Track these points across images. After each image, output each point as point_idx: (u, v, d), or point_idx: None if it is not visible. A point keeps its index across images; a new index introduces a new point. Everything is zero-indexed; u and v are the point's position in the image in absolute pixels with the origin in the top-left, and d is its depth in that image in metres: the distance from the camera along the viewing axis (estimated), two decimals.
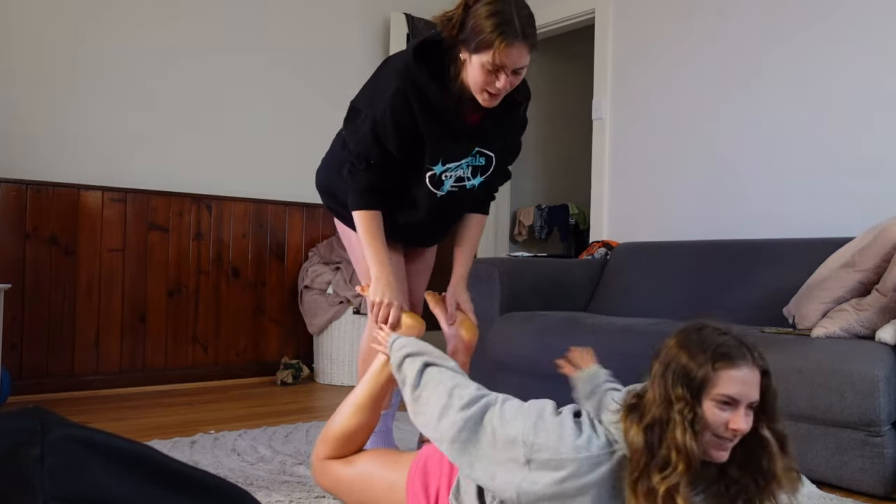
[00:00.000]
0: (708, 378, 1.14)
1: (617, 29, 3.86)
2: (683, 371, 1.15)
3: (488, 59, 1.58)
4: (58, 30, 3.30)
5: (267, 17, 3.92)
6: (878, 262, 2.23)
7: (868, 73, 2.86)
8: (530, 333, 2.83)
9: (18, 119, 3.20)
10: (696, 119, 3.47)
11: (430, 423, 1.37)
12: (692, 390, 1.14)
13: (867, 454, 1.94)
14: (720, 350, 1.15)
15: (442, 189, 1.82)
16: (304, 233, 4.03)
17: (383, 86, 1.73)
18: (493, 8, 1.58)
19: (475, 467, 1.28)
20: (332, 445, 1.63)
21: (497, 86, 1.63)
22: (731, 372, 1.14)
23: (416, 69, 1.68)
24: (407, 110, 1.69)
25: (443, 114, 1.71)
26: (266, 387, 3.60)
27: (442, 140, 1.73)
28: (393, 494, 1.51)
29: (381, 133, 1.71)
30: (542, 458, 1.21)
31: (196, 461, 2.14)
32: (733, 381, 1.14)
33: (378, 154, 1.74)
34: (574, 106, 5.26)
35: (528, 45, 1.60)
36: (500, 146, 1.85)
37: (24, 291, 3.16)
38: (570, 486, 1.18)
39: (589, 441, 1.21)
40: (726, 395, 1.13)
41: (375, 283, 1.78)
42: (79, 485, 0.49)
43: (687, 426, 1.12)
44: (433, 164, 1.77)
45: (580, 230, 5.19)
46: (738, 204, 3.26)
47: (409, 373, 1.47)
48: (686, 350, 1.17)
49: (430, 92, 1.68)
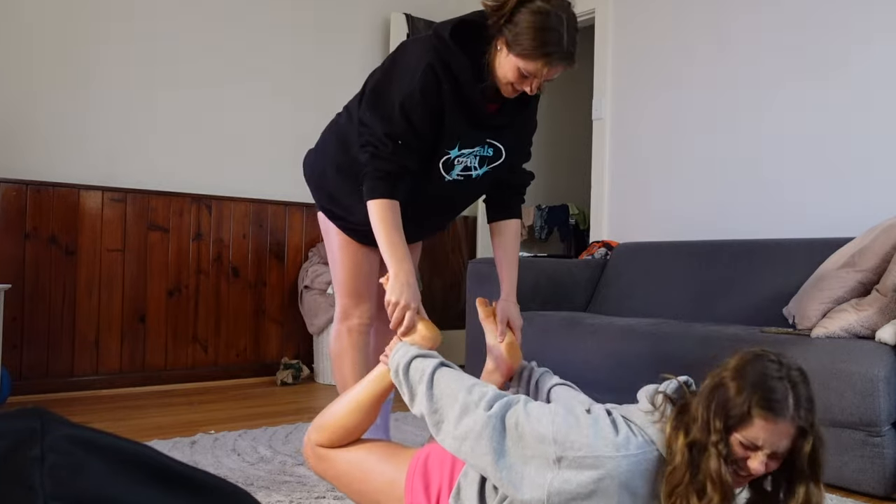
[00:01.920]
0: (743, 419, 1.13)
1: (617, 29, 3.86)
2: (725, 403, 1.14)
3: (526, 66, 1.58)
4: (57, 30, 3.30)
5: (267, 18, 3.92)
6: (878, 262, 2.23)
7: (868, 74, 2.86)
8: (530, 333, 2.83)
9: (19, 119, 3.20)
10: (695, 119, 3.47)
11: (449, 421, 1.32)
12: (726, 425, 1.14)
13: (867, 454, 1.94)
14: (766, 396, 1.12)
15: (451, 174, 1.79)
16: (304, 233, 4.03)
17: (412, 63, 1.68)
18: (546, 22, 1.54)
19: (499, 466, 1.24)
20: (326, 436, 1.59)
21: (525, 88, 1.63)
22: (766, 423, 1.12)
23: (452, 48, 1.64)
24: (436, 88, 1.65)
25: (470, 97, 1.68)
26: (266, 387, 3.60)
27: (461, 122, 1.71)
28: (390, 490, 1.48)
29: (410, 108, 1.65)
30: (575, 456, 1.19)
31: (196, 461, 2.14)
32: (763, 431, 1.13)
33: (408, 133, 1.67)
34: (574, 106, 5.26)
35: (570, 65, 1.60)
36: (510, 139, 1.84)
37: (24, 291, 3.16)
38: (608, 485, 1.17)
39: (627, 440, 1.20)
40: (752, 441, 1.13)
41: (394, 281, 1.64)
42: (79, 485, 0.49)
43: (721, 459, 1.13)
44: (450, 147, 1.73)
45: (580, 230, 5.19)
46: (738, 204, 3.26)
47: (424, 371, 1.41)
48: (737, 381, 1.15)
49: (463, 74, 1.65)
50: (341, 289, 1.96)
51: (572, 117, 5.37)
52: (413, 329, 1.61)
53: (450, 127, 1.70)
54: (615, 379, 2.47)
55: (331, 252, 1.99)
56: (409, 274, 1.65)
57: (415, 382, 1.42)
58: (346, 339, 1.95)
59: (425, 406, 1.37)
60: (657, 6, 3.66)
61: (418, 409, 1.40)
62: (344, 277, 1.95)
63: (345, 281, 1.95)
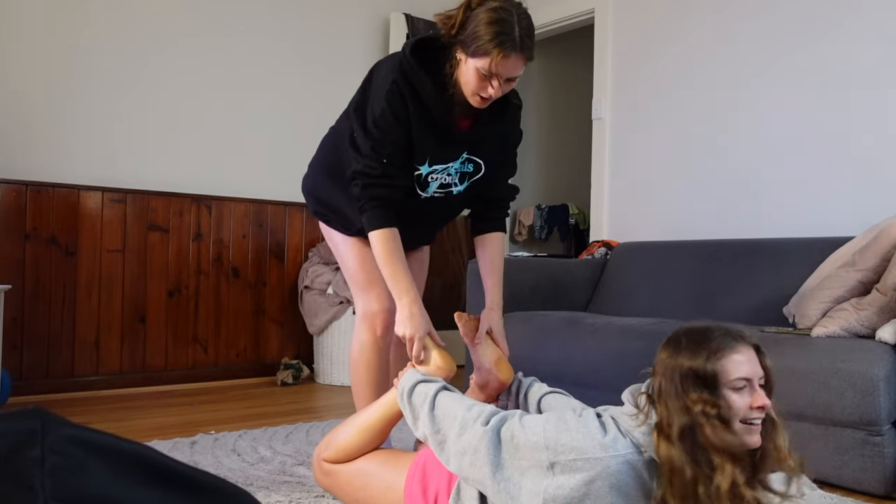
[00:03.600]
0: (717, 370, 1.16)
1: (617, 29, 3.86)
2: (690, 373, 1.17)
3: (484, 65, 1.59)
4: (57, 30, 3.30)
5: (267, 18, 3.92)
6: (878, 262, 2.23)
7: (868, 73, 2.86)
8: (530, 333, 2.83)
9: (18, 119, 3.20)
10: (696, 119, 3.47)
11: (450, 439, 1.35)
12: (708, 387, 1.16)
13: (867, 454, 1.94)
14: (715, 342, 1.19)
15: (426, 192, 1.80)
16: (304, 233, 4.03)
17: (380, 81, 1.72)
18: (495, 15, 1.57)
19: (496, 479, 1.26)
20: (334, 454, 1.64)
21: (489, 91, 1.64)
22: (734, 356, 1.17)
23: (411, 64, 1.68)
24: (402, 104, 1.68)
25: (434, 112, 1.70)
26: (266, 387, 3.60)
27: (429, 139, 1.73)
28: (390, 495, 1.50)
29: (385, 126, 1.69)
30: (566, 460, 1.20)
31: (196, 461, 2.14)
32: (740, 364, 1.17)
33: (391, 149, 1.70)
34: (574, 106, 5.26)
35: (525, 56, 1.61)
36: (489, 154, 1.84)
37: (24, 292, 3.16)
38: (599, 487, 1.17)
39: (615, 440, 1.21)
40: (740, 377, 1.16)
41: (399, 315, 1.70)
42: (79, 486, 0.49)
43: (716, 422, 1.14)
44: (420, 163, 1.75)
45: (580, 230, 5.19)
46: (738, 204, 3.26)
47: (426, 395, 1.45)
48: (683, 355, 1.19)
49: (424, 88, 1.68)
50: (356, 283, 1.96)
51: (572, 117, 5.36)
52: (426, 358, 1.66)
53: (418, 143, 1.72)
54: (615, 379, 2.46)
55: (337, 252, 2.01)
56: (411, 305, 1.69)
57: (418, 405, 1.45)
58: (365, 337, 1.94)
59: (428, 427, 1.41)
60: (657, 6, 3.66)
61: (422, 430, 1.43)
62: (354, 269, 1.95)
63: (356, 273, 1.95)
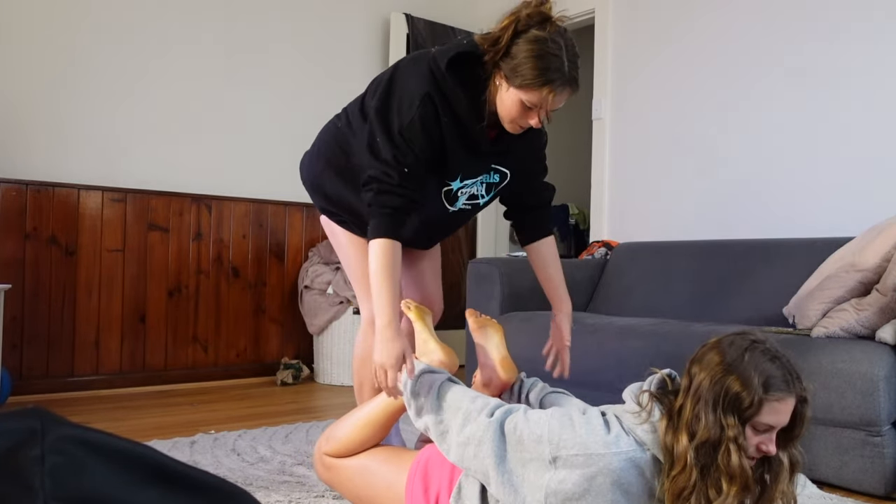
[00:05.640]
0: (758, 410, 1.16)
1: (617, 29, 3.86)
2: (736, 399, 1.16)
3: (530, 98, 1.53)
4: (57, 30, 3.30)
5: (267, 18, 3.92)
6: (878, 262, 2.23)
7: (868, 73, 2.86)
8: (530, 333, 2.83)
9: (18, 119, 3.20)
10: (695, 119, 3.47)
11: (453, 430, 1.35)
12: (742, 418, 1.16)
13: (867, 454, 1.94)
14: (772, 382, 1.16)
15: (455, 206, 1.77)
16: (304, 233, 4.03)
17: (410, 87, 1.63)
18: (545, 49, 1.49)
19: (499, 470, 1.26)
20: (335, 447, 1.63)
21: (532, 123, 1.58)
22: (778, 405, 1.16)
23: (449, 79, 1.60)
24: (435, 118, 1.61)
25: (468, 129, 1.64)
26: (266, 387, 3.60)
27: (460, 154, 1.67)
28: (392, 493, 1.50)
29: (411, 137, 1.60)
30: (569, 455, 1.20)
31: (196, 461, 2.14)
32: (776, 412, 1.16)
33: (411, 157, 1.60)
34: (574, 106, 5.25)
35: (574, 89, 1.55)
36: (515, 162, 1.79)
37: (24, 292, 3.16)
38: (601, 483, 1.18)
39: (618, 437, 1.21)
40: (767, 424, 1.16)
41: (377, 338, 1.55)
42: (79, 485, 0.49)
43: (741, 452, 1.15)
44: (452, 179, 1.70)
45: (580, 230, 5.19)
46: (738, 204, 3.26)
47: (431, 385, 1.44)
48: (737, 375, 1.17)
49: (460, 106, 1.61)
50: (362, 288, 1.90)
51: (572, 117, 5.36)
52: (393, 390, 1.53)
53: (451, 158, 1.66)
54: (615, 379, 2.47)
55: (341, 252, 1.96)
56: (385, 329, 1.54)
57: (422, 395, 1.45)
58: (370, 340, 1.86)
59: (431, 417, 1.40)
60: (657, 6, 3.66)
61: (424, 421, 1.42)
62: (361, 272, 1.89)
63: (362, 276, 1.89)
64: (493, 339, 1.80)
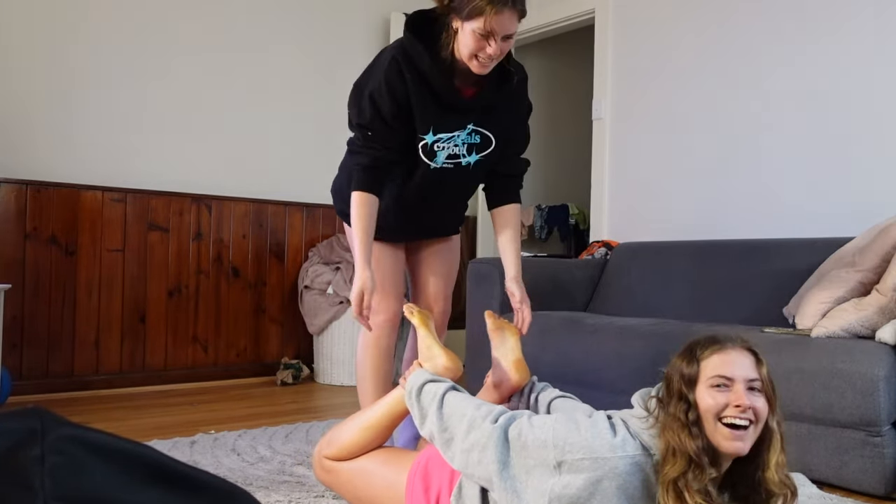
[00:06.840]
0: (697, 369, 1.19)
1: (617, 29, 3.86)
2: (677, 372, 1.21)
3: (479, 25, 1.64)
4: (57, 30, 3.30)
5: (267, 18, 3.92)
6: (878, 262, 2.23)
7: (868, 73, 2.86)
8: (530, 333, 2.82)
9: (19, 119, 3.20)
10: (695, 119, 3.47)
11: (458, 437, 1.35)
12: (686, 384, 1.19)
13: (867, 454, 1.94)
14: (702, 341, 1.22)
15: (435, 161, 1.85)
16: (304, 233, 4.03)
17: (380, 59, 1.83)
18: None
19: (503, 476, 1.26)
20: (336, 451, 1.63)
21: (488, 52, 1.68)
22: (717, 355, 1.19)
23: (409, 40, 1.76)
24: (400, 79, 1.76)
25: (435, 83, 1.76)
26: (266, 387, 3.60)
27: (431, 107, 1.79)
28: (392, 493, 1.50)
29: (378, 99, 1.77)
30: (574, 459, 1.20)
31: (196, 461, 2.14)
32: (721, 363, 1.18)
33: (376, 121, 1.79)
34: (574, 106, 5.26)
35: (518, 11, 1.67)
36: (499, 126, 1.88)
37: (24, 291, 3.16)
38: (606, 487, 1.17)
39: (624, 441, 1.21)
40: (717, 375, 1.17)
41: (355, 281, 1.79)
42: (79, 485, 0.49)
43: (683, 422, 1.15)
44: (424, 132, 1.81)
45: (580, 230, 5.19)
46: (738, 204, 3.26)
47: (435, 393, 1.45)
48: (677, 356, 1.24)
49: (423, 62, 1.75)
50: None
51: (572, 117, 5.37)
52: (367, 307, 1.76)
53: (419, 112, 1.79)
54: (615, 379, 2.47)
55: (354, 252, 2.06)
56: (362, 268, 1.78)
57: (426, 404, 1.45)
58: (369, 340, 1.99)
59: (436, 425, 1.40)
60: (657, 6, 3.66)
61: (428, 429, 1.42)
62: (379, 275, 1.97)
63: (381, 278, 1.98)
64: (509, 341, 1.80)
